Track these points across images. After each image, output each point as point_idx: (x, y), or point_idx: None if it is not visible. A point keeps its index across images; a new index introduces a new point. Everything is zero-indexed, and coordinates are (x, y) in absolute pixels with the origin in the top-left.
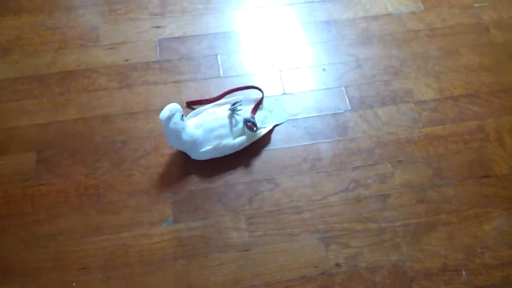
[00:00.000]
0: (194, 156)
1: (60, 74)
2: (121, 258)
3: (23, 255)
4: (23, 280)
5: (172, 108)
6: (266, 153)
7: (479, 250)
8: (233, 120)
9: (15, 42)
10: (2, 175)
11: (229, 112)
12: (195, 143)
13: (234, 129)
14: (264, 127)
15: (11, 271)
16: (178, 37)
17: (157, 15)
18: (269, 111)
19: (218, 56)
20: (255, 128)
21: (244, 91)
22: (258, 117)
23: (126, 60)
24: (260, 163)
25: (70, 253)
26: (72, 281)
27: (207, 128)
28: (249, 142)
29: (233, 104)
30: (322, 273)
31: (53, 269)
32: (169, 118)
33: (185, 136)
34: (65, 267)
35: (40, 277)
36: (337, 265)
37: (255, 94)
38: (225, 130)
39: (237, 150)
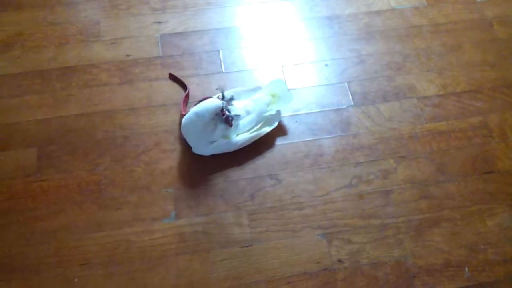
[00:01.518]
0: (197, 151)
1: (61, 69)
2: (123, 253)
3: (25, 250)
4: (25, 275)
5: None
6: (268, 149)
7: (482, 246)
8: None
9: (16, 37)
10: (4, 171)
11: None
12: (202, 138)
13: (238, 124)
14: (271, 113)
15: (13, 267)
16: (180, 33)
17: (158, 10)
18: (272, 95)
19: (220, 51)
20: (232, 120)
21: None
22: (261, 105)
23: (128, 56)
24: (262, 159)
25: (71, 248)
26: (74, 277)
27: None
28: (253, 140)
29: (226, 99)
30: (324, 269)
31: (55, 264)
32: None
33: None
34: (66, 263)
35: (42, 273)
36: (339, 261)
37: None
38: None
39: (240, 147)
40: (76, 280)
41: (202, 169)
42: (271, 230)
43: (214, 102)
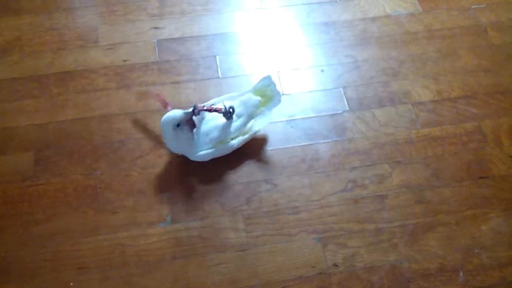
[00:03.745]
0: (193, 158)
1: (59, 74)
2: (119, 258)
3: (21, 254)
4: (20, 279)
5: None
6: (264, 154)
7: (477, 251)
8: (228, 121)
9: (14, 42)
10: (0, 175)
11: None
12: (193, 146)
13: (230, 129)
14: (262, 115)
15: (8, 271)
16: (177, 38)
17: (156, 16)
18: (261, 95)
19: (217, 57)
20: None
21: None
22: (251, 107)
23: (125, 61)
24: (258, 163)
25: (67, 252)
26: (70, 281)
27: (202, 131)
28: (248, 139)
29: (228, 112)
30: (320, 273)
31: (50, 268)
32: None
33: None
34: (62, 267)
35: (38, 277)
36: (335, 265)
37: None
38: (219, 132)
39: (236, 148)
40: (72, 284)
41: (198, 173)
42: (267, 234)
43: (173, 113)
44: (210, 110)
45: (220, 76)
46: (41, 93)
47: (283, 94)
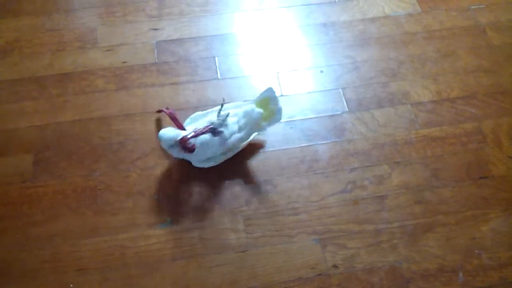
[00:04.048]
0: (197, 164)
1: (58, 76)
2: (119, 259)
3: (20, 256)
4: (20, 281)
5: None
6: (264, 155)
7: (477, 251)
8: (221, 136)
9: (13, 44)
10: (0, 176)
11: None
12: (192, 158)
13: (228, 140)
14: (261, 129)
15: (8, 273)
16: (176, 39)
17: (154, 17)
18: (263, 108)
19: (216, 58)
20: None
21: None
22: (253, 121)
23: (124, 62)
24: (257, 164)
25: (67, 254)
26: (70, 282)
27: (203, 142)
28: (248, 142)
29: (214, 128)
30: (319, 274)
31: (50, 270)
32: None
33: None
34: (62, 268)
35: (38, 279)
36: (334, 266)
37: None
38: (218, 146)
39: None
40: (72, 285)
41: (197, 174)
42: (266, 235)
43: (168, 134)
44: (196, 136)
45: (219, 77)
46: (40, 95)
47: (282, 96)
